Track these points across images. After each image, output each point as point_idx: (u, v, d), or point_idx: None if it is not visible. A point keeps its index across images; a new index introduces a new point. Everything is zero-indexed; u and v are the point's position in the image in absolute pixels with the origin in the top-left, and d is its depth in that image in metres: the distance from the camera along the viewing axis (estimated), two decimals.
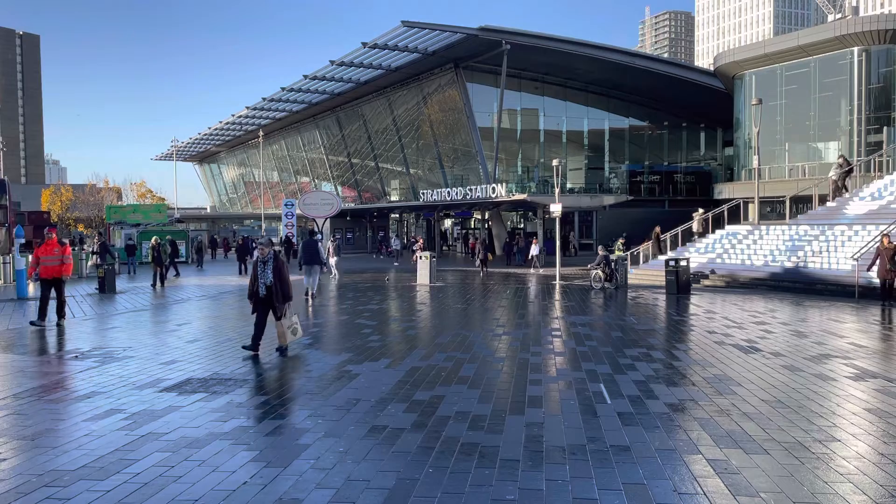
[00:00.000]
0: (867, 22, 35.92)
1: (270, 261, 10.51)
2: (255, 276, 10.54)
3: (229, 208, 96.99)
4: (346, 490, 5.07)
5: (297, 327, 10.93)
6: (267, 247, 10.60)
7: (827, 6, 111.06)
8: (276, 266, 10.45)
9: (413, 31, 37.16)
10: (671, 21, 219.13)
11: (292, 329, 10.76)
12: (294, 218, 45.75)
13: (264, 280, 10.43)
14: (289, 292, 10.58)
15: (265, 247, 10.58)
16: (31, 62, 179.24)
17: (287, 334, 10.62)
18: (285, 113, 59.51)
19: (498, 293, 20.76)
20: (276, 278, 10.40)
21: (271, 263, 10.49)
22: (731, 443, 6.09)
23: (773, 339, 11.76)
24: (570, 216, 45.71)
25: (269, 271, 10.44)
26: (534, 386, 8.34)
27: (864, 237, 21.39)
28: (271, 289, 10.40)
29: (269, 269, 10.45)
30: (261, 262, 10.57)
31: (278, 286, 10.40)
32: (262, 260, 10.55)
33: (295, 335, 10.85)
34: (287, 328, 10.63)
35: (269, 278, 10.41)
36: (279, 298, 10.41)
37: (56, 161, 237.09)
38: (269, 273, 10.42)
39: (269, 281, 10.40)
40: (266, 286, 10.42)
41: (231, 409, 7.32)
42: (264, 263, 10.52)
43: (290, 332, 10.68)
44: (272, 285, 10.39)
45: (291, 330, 10.73)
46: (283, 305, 10.49)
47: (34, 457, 5.87)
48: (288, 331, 10.63)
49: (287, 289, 10.54)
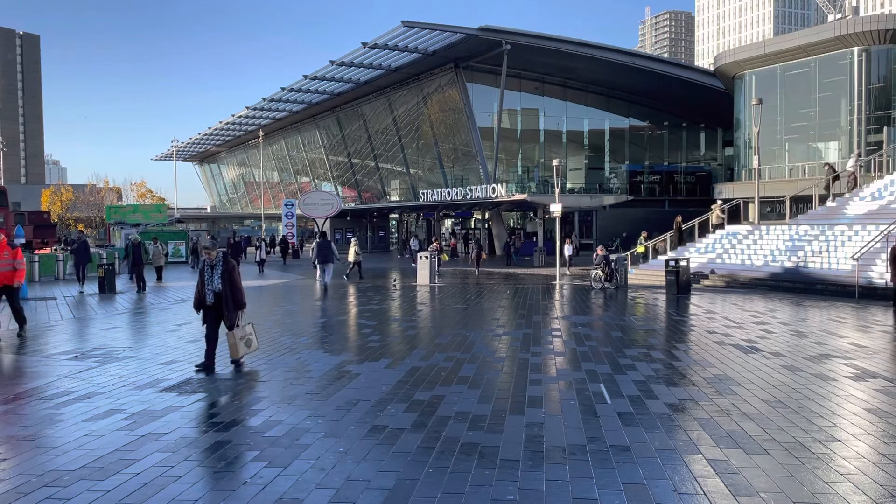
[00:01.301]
0: (867, 22, 35.93)
1: (219, 265, 9.44)
2: (202, 281, 9.45)
3: (229, 208, 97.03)
4: (346, 490, 5.07)
5: (252, 338, 9.88)
6: (212, 249, 9.49)
7: (827, 6, 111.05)
8: (225, 270, 9.41)
9: (413, 31, 37.18)
10: (671, 21, 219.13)
11: (246, 340, 9.72)
12: (294, 218, 45.81)
13: (212, 286, 9.39)
14: (241, 299, 9.57)
15: (211, 249, 9.48)
16: (31, 62, 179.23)
17: (240, 346, 9.60)
18: (285, 113, 59.54)
19: (498, 293, 20.76)
20: (226, 284, 9.37)
21: (220, 267, 9.43)
22: (731, 443, 6.09)
23: (773, 339, 11.75)
24: (569, 216, 45.72)
25: (217, 276, 9.39)
26: (534, 386, 8.34)
27: (864, 237, 21.39)
28: (221, 296, 9.38)
29: (217, 273, 9.40)
30: (208, 266, 9.47)
31: (229, 293, 9.40)
32: (210, 264, 9.46)
33: (249, 347, 9.80)
34: (240, 339, 9.60)
35: (218, 284, 9.38)
36: (230, 306, 9.42)
37: (56, 161, 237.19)
38: (218, 278, 9.39)
39: (217, 287, 9.37)
40: (214, 293, 9.39)
41: (231, 409, 7.31)
42: (212, 268, 9.44)
43: (243, 344, 9.64)
44: (221, 292, 9.38)
45: (245, 341, 9.70)
46: (236, 314, 9.53)
47: (34, 457, 5.87)
48: (241, 342, 9.61)
49: (239, 295, 9.53)
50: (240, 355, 9.62)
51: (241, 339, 9.60)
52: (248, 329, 9.81)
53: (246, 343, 9.71)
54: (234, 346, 9.57)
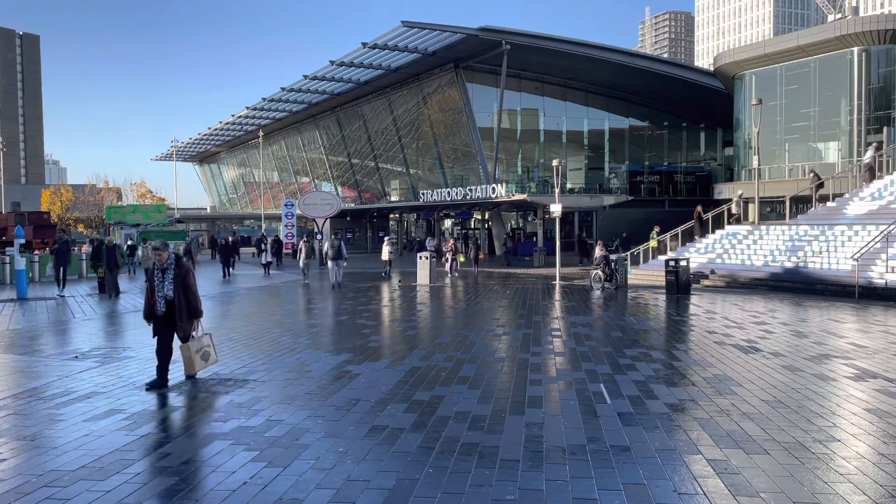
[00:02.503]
0: (867, 22, 35.94)
1: (171, 268, 8.48)
2: (152, 288, 8.47)
3: (229, 208, 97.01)
4: (346, 490, 5.07)
5: (211, 350, 8.90)
6: (163, 250, 8.54)
7: (827, 6, 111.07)
8: (178, 274, 8.45)
9: (413, 31, 37.17)
10: (671, 21, 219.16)
11: (202, 353, 8.74)
12: (294, 218, 45.77)
13: (163, 293, 8.40)
14: (197, 307, 8.61)
15: (161, 251, 8.53)
16: (31, 62, 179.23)
17: (195, 360, 8.65)
18: (285, 113, 59.53)
19: (498, 293, 20.76)
20: (178, 290, 8.42)
21: (172, 271, 8.46)
22: (731, 443, 6.09)
23: (773, 340, 11.76)
24: (569, 216, 45.72)
25: (168, 282, 8.42)
26: (534, 386, 8.34)
27: (864, 237, 21.39)
28: (173, 304, 8.41)
29: (168, 278, 8.44)
30: (158, 269, 8.47)
31: (182, 300, 8.44)
32: (160, 267, 8.48)
33: (207, 361, 8.83)
34: (195, 352, 8.63)
35: (170, 290, 8.40)
36: (183, 315, 8.45)
37: (56, 161, 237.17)
38: (170, 284, 8.42)
39: (169, 294, 8.38)
40: (166, 300, 8.39)
41: (231, 410, 7.32)
42: (163, 272, 8.46)
43: (199, 357, 8.68)
44: (174, 299, 8.41)
45: (202, 354, 8.72)
46: (191, 324, 8.59)
47: (34, 457, 5.87)
48: (197, 355, 8.65)
49: (194, 302, 8.58)
50: (196, 370, 8.72)
51: (196, 353, 8.65)
52: (205, 340, 8.85)
53: (203, 356, 8.75)
54: (188, 360, 8.62)
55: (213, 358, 9.01)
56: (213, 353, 9.01)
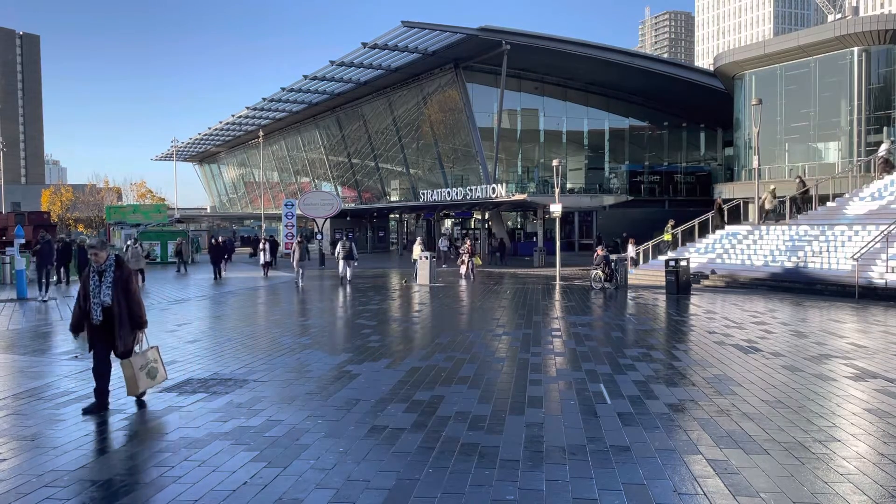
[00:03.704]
0: (867, 22, 35.94)
1: (109, 271, 7.30)
2: (86, 293, 7.28)
3: (229, 208, 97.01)
4: (346, 490, 5.07)
5: (158, 366, 7.70)
6: (101, 250, 7.38)
7: (827, 6, 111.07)
8: (117, 278, 7.29)
9: (413, 31, 37.18)
10: (671, 21, 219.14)
11: (148, 370, 7.49)
12: (294, 218, 45.74)
13: (99, 299, 7.22)
14: (140, 315, 7.45)
15: (99, 250, 7.35)
16: (31, 62, 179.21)
17: (139, 378, 7.35)
18: (285, 113, 59.54)
19: (498, 293, 20.76)
20: (119, 296, 7.24)
21: (110, 275, 7.28)
22: (731, 443, 6.09)
23: (773, 340, 11.75)
24: (569, 216, 45.73)
25: (106, 286, 7.24)
26: (534, 386, 8.34)
27: (864, 237, 21.38)
28: (111, 312, 7.25)
29: (107, 282, 7.25)
30: (94, 272, 7.30)
31: (123, 307, 7.26)
32: (97, 269, 7.30)
33: (154, 378, 7.59)
34: (139, 368, 7.36)
35: (107, 296, 7.21)
36: (123, 325, 7.26)
37: (56, 161, 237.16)
38: (108, 289, 7.23)
39: (106, 300, 7.20)
40: (103, 308, 7.22)
41: (231, 410, 7.32)
42: (100, 275, 7.28)
43: (144, 375, 7.41)
44: (112, 307, 7.23)
45: (147, 371, 7.47)
46: (132, 336, 7.40)
47: (34, 457, 5.87)
48: (142, 373, 7.37)
49: (137, 310, 7.40)
50: (140, 390, 7.45)
51: (141, 369, 7.41)
52: (150, 355, 7.62)
53: (148, 373, 7.52)
54: (131, 379, 7.32)
55: (162, 374, 7.77)
56: (162, 369, 7.79)
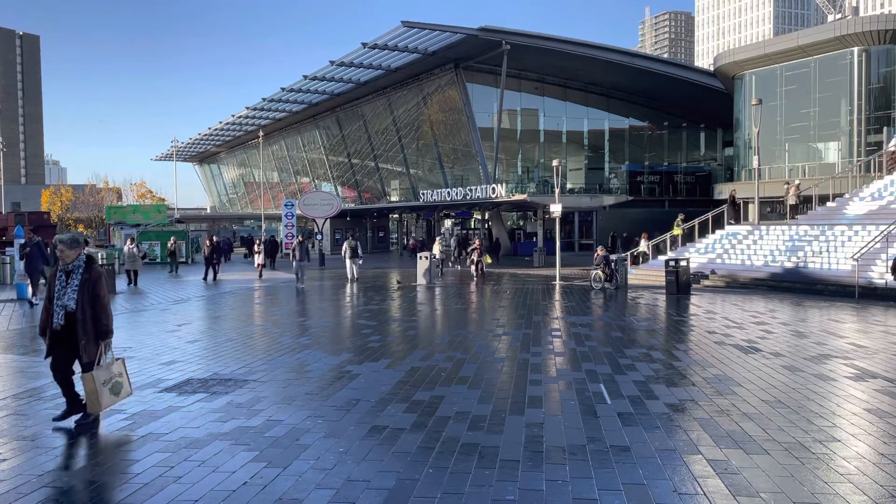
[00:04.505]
0: (867, 22, 35.95)
1: (78, 272, 6.64)
2: (51, 296, 6.62)
3: (229, 209, 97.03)
4: (346, 490, 5.07)
5: (123, 381, 6.90)
6: (69, 247, 6.68)
7: (827, 6, 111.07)
8: (85, 280, 6.60)
9: (413, 31, 37.17)
10: (671, 21, 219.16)
11: (112, 385, 6.71)
12: (294, 218, 45.77)
13: (62, 302, 6.53)
14: (106, 324, 6.67)
15: (67, 247, 6.66)
16: (31, 62, 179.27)
17: (102, 394, 6.57)
18: (285, 113, 59.54)
19: (497, 294, 20.76)
20: (84, 300, 6.54)
21: (78, 276, 6.61)
22: (731, 443, 6.09)
23: (773, 340, 11.75)
24: (569, 216, 45.73)
25: (72, 289, 6.56)
26: (534, 386, 8.34)
27: (864, 237, 21.39)
28: (74, 317, 6.52)
29: (73, 284, 6.58)
30: (61, 272, 6.67)
31: (88, 313, 6.53)
32: (64, 270, 6.66)
33: (118, 395, 6.81)
34: (102, 383, 6.58)
35: (72, 300, 6.53)
36: (88, 333, 6.53)
37: (56, 161, 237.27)
38: (73, 291, 6.55)
39: (70, 304, 6.51)
40: (66, 312, 6.52)
41: (231, 410, 7.32)
42: (67, 275, 6.63)
43: (107, 391, 6.63)
44: (75, 312, 6.51)
45: (111, 387, 6.70)
46: (97, 346, 6.61)
47: (34, 457, 5.87)
48: (105, 388, 6.60)
49: (104, 318, 6.64)
50: (102, 408, 6.66)
51: (104, 384, 6.59)
52: (115, 369, 6.82)
53: (113, 389, 6.72)
54: (92, 394, 6.53)
55: (127, 390, 6.98)
56: (127, 384, 7.00)
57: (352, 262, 25.94)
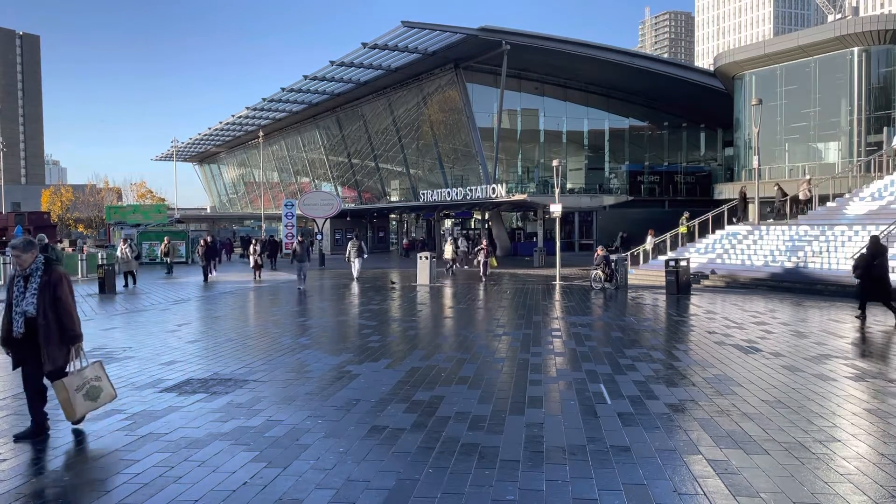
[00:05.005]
0: (867, 22, 35.94)
1: (36, 275, 6.20)
2: (10, 303, 6.22)
3: (229, 209, 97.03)
4: (346, 490, 5.07)
5: (101, 384, 6.51)
6: (24, 251, 6.22)
7: (827, 6, 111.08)
8: (45, 283, 6.16)
9: (413, 31, 37.17)
10: (671, 21, 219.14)
11: (87, 391, 6.34)
12: (294, 218, 45.78)
13: (21, 308, 6.14)
14: (73, 328, 6.25)
15: (21, 251, 6.21)
16: (31, 62, 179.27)
17: (76, 401, 6.21)
18: (285, 113, 59.54)
19: (498, 294, 20.75)
20: (45, 305, 6.12)
21: (37, 280, 6.18)
22: (731, 443, 6.09)
23: (773, 340, 11.75)
24: (569, 216, 45.72)
25: (31, 294, 6.14)
26: (534, 386, 8.34)
27: (864, 237, 21.37)
28: (35, 323, 6.13)
29: (32, 288, 6.16)
30: (19, 277, 6.26)
31: (50, 318, 6.12)
32: (22, 274, 6.25)
33: (96, 400, 6.42)
34: (76, 390, 6.22)
35: (31, 306, 6.13)
36: (52, 340, 6.12)
37: (56, 161, 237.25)
38: (32, 297, 6.14)
39: (29, 310, 6.12)
40: (26, 319, 6.13)
41: (231, 410, 7.32)
42: (25, 280, 6.22)
43: (81, 397, 6.26)
44: (36, 318, 6.12)
45: (86, 392, 6.33)
46: (63, 352, 6.24)
47: (34, 457, 5.87)
48: (78, 394, 6.23)
49: (69, 322, 6.23)
50: (77, 415, 6.35)
51: (77, 391, 6.25)
52: (89, 373, 6.43)
53: (88, 394, 6.33)
54: (66, 403, 6.17)
55: (110, 393, 6.59)
56: (109, 387, 6.61)
57: (357, 261, 26.75)
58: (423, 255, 25.35)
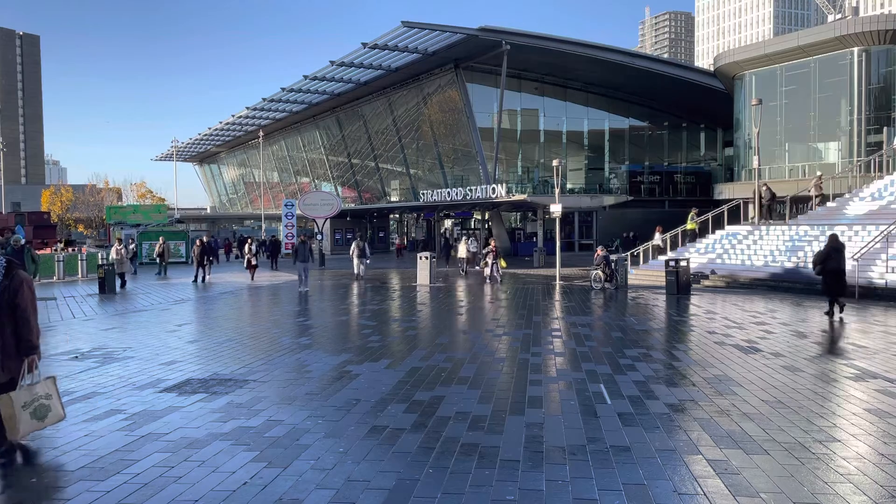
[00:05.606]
0: (867, 22, 35.94)
1: None
2: None
3: (229, 209, 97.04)
4: (346, 490, 5.07)
5: (52, 402, 5.95)
6: None
7: (827, 6, 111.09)
8: (4, 289, 5.72)
9: (413, 31, 37.18)
10: (671, 21, 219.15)
11: (36, 408, 5.79)
12: (294, 218, 45.77)
13: None
14: (28, 337, 5.76)
15: None
16: (31, 62, 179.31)
17: (21, 419, 5.67)
18: (285, 113, 59.54)
19: (497, 294, 20.75)
20: (1, 312, 5.69)
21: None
22: (731, 443, 6.09)
23: (773, 340, 11.75)
24: (569, 216, 45.71)
25: None
26: (534, 386, 8.34)
27: (864, 237, 21.38)
28: None
29: None
30: None
31: (6, 326, 5.71)
32: None
33: (42, 419, 5.86)
34: (22, 406, 5.69)
35: None
36: (6, 350, 5.70)
37: (56, 161, 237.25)
38: None
39: None
40: None
41: (231, 410, 7.32)
42: None
43: (27, 415, 5.72)
44: None
45: (34, 410, 5.78)
46: (18, 363, 5.76)
47: (34, 457, 5.86)
48: (24, 412, 5.70)
49: (25, 332, 5.75)
50: (20, 434, 5.77)
51: (24, 408, 5.71)
52: (39, 390, 5.87)
53: (35, 413, 5.79)
54: (10, 420, 5.64)
55: (57, 413, 6.02)
56: (58, 407, 6.04)
57: (359, 261, 27.07)
58: (423, 255, 25.32)
